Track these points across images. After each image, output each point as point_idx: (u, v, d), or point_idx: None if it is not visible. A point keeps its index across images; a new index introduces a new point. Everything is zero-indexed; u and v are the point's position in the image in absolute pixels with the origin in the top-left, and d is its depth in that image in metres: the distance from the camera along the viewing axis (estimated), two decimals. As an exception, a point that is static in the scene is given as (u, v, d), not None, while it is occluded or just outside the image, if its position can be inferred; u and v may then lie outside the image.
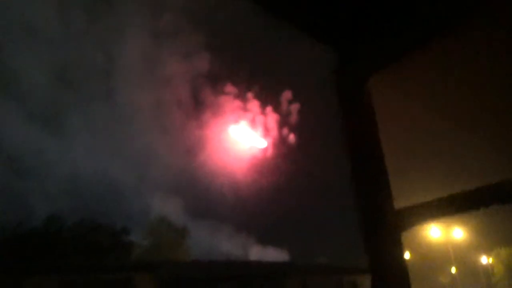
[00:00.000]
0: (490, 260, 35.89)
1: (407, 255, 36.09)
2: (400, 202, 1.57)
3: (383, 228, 1.57)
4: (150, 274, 17.01)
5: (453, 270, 33.97)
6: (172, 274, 18.66)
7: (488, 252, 35.79)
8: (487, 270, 36.00)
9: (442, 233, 30.52)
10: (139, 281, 16.33)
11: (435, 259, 34.32)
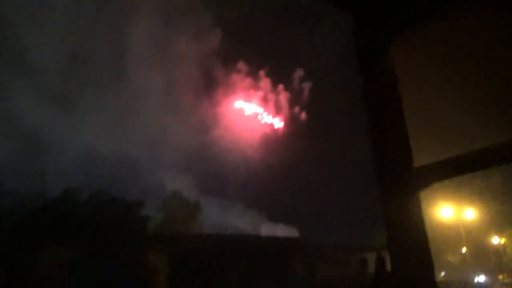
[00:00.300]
0: (502, 240, 35.79)
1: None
2: (419, 160, 1.59)
3: (401, 186, 1.59)
4: (164, 247, 17.48)
5: (464, 250, 34.04)
6: (184, 247, 19.15)
7: (500, 232, 35.65)
8: (498, 250, 35.98)
9: (453, 213, 30.45)
10: (153, 253, 16.80)
11: (446, 239, 34.38)
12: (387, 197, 1.63)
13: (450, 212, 30.39)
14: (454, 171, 1.50)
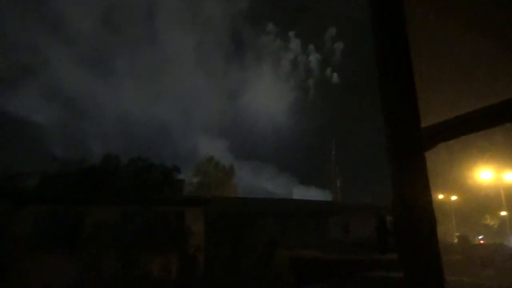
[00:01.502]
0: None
1: (453, 198, 35.28)
2: (427, 120, 1.57)
3: (408, 146, 1.59)
4: (200, 209, 18.15)
5: (503, 213, 33.10)
6: (219, 209, 19.82)
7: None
8: (540, 214, 34.72)
9: (493, 176, 29.36)
10: (189, 214, 17.52)
11: (485, 202, 33.46)
12: (394, 157, 1.63)
13: (490, 175, 29.29)
14: (461, 130, 1.48)
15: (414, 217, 1.56)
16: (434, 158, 1.63)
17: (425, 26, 1.62)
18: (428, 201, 1.57)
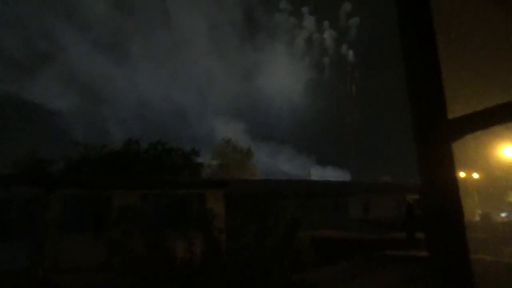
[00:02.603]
0: None
1: (475, 175, 34.67)
2: (455, 112, 1.60)
3: (434, 137, 1.64)
4: (220, 191, 18.46)
5: (528, 190, 32.37)
6: (240, 191, 20.11)
7: None
8: None
9: (518, 153, 28.63)
10: (209, 196, 17.86)
11: (506, 180, 32.79)
12: (421, 148, 1.68)
13: (514, 152, 28.56)
14: (490, 121, 1.52)
15: (441, 203, 1.62)
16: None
17: (453, 13, 1.63)
18: (454, 188, 1.63)
